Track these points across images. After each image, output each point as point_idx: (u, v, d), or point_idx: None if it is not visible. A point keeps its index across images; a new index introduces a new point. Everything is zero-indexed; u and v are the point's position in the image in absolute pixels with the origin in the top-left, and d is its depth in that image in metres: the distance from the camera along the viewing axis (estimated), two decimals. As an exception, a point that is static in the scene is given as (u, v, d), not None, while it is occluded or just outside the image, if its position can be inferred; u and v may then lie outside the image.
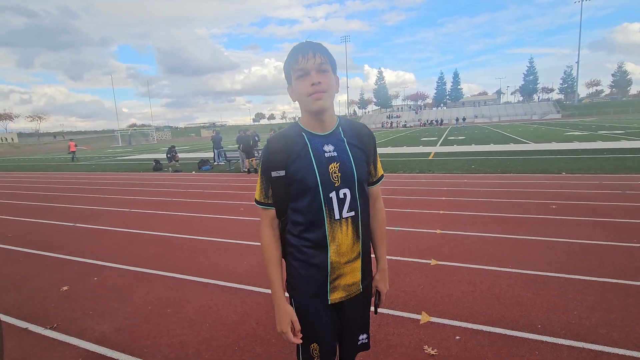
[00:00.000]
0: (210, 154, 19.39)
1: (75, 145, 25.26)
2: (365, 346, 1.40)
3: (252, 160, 12.21)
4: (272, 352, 2.35)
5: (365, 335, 1.39)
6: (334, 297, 1.25)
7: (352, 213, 1.21)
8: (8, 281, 3.76)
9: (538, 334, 2.39)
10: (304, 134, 1.22)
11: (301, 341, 1.26)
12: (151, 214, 6.67)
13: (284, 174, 1.19)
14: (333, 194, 1.18)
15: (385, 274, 1.42)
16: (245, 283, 3.40)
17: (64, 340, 2.60)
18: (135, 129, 76.93)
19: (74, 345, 2.52)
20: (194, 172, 13.84)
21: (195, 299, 3.14)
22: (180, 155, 17.10)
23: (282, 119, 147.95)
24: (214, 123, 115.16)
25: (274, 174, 1.20)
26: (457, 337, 2.41)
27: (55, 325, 2.81)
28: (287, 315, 1.23)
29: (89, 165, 19.51)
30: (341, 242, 1.21)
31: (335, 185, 1.18)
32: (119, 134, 60.19)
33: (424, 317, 2.66)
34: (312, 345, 1.28)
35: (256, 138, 15.14)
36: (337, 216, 1.19)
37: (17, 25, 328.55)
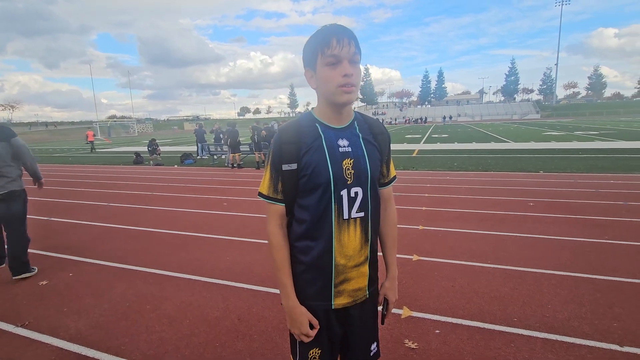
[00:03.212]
0: (193, 148, 19.03)
1: (94, 135, 23.54)
2: (376, 355, 1.32)
3: (236, 156, 12.04)
4: (253, 348, 2.33)
5: (375, 344, 1.31)
6: (338, 302, 1.17)
7: (362, 214, 1.14)
8: (-24, 277, 3.58)
9: (514, 327, 2.46)
10: (317, 125, 1.13)
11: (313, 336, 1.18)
12: (131, 208, 6.49)
13: (295, 167, 1.10)
14: (344, 192, 1.10)
15: (395, 282, 1.33)
16: (227, 279, 3.36)
17: (36, 338, 2.50)
18: (115, 121, 74.59)
19: (47, 344, 2.43)
20: (176, 165, 13.55)
21: (175, 295, 3.08)
22: (162, 148, 16.70)
23: (267, 113, 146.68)
24: (197, 116, 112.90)
25: (285, 166, 1.10)
26: (437, 331, 2.45)
27: (26, 322, 2.70)
28: (305, 316, 1.15)
29: (66, 158, 18.80)
30: (348, 244, 1.13)
31: (348, 182, 1.10)
32: (98, 126, 58.19)
33: (405, 312, 2.70)
34: (312, 351, 1.19)
35: (220, 135, 14.54)
36: (345, 215, 1.11)
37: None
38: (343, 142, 1.12)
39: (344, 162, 1.10)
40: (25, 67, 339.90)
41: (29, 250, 3.57)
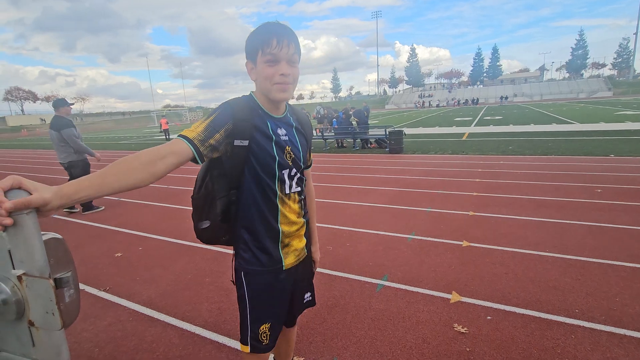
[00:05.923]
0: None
1: (167, 123, 23.17)
2: (311, 303, 1.56)
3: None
4: (303, 322, 2.46)
5: (309, 294, 1.54)
6: (288, 262, 1.34)
7: (299, 189, 1.33)
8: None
9: (575, 319, 2.32)
10: (262, 112, 1.22)
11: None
12: (187, 190, 7.00)
13: (247, 144, 1.17)
14: (286, 172, 1.26)
15: (318, 245, 1.59)
16: (277, 257, 3.53)
17: (116, 301, 2.86)
18: (169, 110, 79.57)
19: (125, 307, 2.77)
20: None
21: (229, 270, 3.30)
22: (212, 135, 17.56)
23: (310, 98, 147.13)
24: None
25: (237, 142, 1.15)
26: (489, 317, 2.40)
27: (107, 288, 3.09)
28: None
29: (129, 145, 20.57)
30: (290, 214, 1.31)
31: (289, 164, 1.27)
32: (155, 115, 62.56)
33: (454, 297, 2.66)
34: (262, 327, 1.32)
35: None
36: (287, 191, 1.28)
37: (60, 10, 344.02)
38: (281, 131, 1.25)
39: (286, 148, 1.25)
40: (92, 62, 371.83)
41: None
